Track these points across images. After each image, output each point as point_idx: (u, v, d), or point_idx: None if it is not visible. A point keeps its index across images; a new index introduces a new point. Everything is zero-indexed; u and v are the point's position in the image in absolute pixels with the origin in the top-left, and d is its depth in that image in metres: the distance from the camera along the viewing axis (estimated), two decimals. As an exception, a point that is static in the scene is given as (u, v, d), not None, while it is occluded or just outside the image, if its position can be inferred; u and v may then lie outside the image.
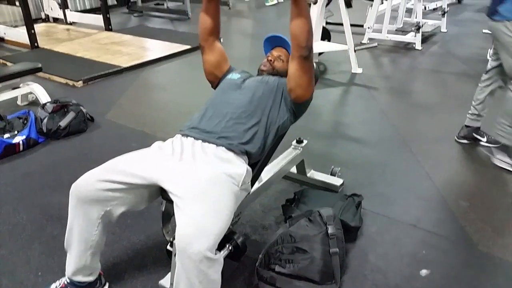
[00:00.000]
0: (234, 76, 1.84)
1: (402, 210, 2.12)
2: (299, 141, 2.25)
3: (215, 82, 1.89)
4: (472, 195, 2.24)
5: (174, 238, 1.29)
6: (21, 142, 2.78)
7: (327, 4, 4.38)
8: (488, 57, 4.11)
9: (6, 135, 2.79)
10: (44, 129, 2.92)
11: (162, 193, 1.51)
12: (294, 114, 1.76)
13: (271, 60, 1.88)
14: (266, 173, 1.98)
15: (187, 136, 1.59)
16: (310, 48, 1.59)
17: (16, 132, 2.83)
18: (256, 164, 1.74)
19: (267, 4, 8.25)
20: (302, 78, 1.65)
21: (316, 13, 4.04)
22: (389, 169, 2.52)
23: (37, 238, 1.97)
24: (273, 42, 1.95)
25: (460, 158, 2.64)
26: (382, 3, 5.32)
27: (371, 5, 5.22)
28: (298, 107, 1.75)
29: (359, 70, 4.29)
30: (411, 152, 2.69)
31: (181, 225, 1.27)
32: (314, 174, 2.37)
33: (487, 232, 1.96)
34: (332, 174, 2.36)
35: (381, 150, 2.77)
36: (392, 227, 2.00)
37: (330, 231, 1.63)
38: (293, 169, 2.32)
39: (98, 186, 1.43)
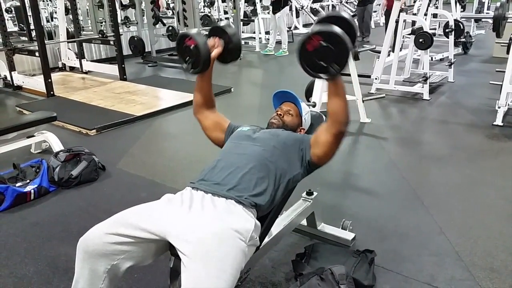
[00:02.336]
0: (244, 128, 1.88)
1: (415, 267, 2.06)
2: (309, 193, 2.25)
3: (221, 142, 1.93)
4: (487, 251, 2.18)
5: (180, 298, 1.27)
6: (32, 191, 2.80)
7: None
8: (496, 107, 4.14)
9: (18, 184, 2.83)
10: (56, 178, 2.95)
11: (170, 248, 1.49)
12: (307, 171, 1.77)
13: (280, 114, 1.92)
14: (276, 227, 1.96)
15: (197, 189, 1.60)
16: (348, 124, 1.65)
17: (28, 181, 2.87)
18: (266, 217, 1.72)
19: (263, 52, 8.52)
20: (332, 149, 1.70)
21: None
22: (401, 223, 2.48)
23: (43, 292, 1.94)
24: (282, 97, 2.01)
25: (473, 212, 2.59)
26: (389, 54, 5.45)
27: (378, 57, 5.35)
28: (315, 167, 1.78)
29: (368, 120, 4.33)
30: (423, 205, 2.66)
31: (185, 287, 1.25)
32: (324, 227, 2.34)
33: (505, 292, 1.89)
34: (343, 227, 2.32)
35: (392, 203, 2.74)
36: (406, 285, 1.93)
37: (342, 290, 1.58)
38: (303, 222, 2.30)
39: (106, 240, 1.43)
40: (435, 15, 7.33)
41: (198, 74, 1.82)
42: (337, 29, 1.44)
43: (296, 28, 11.67)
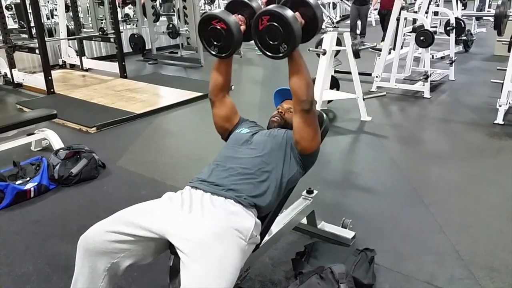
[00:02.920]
0: (243, 130, 1.86)
1: (415, 266, 2.06)
2: (310, 191, 2.24)
3: (225, 134, 1.92)
4: (487, 250, 2.17)
5: (179, 297, 1.27)
6: (32, 189, 2.80)
7: (336, 54, 4.50)
8: (497, 106, 4.13)
9: (18, 182, 2.82)
10: (56, 176, 2.95)
11: (170, 247, 1.49)
12: (302, 166, 1.77)
13: (281, 112, 1.92)
14: (276, 225, 1.96)
15: (196, 188, 1.60)
16: (310, 101, 1.62)
17: (28, 179, 2.86)
18: (266, 216, 1.72)
19: (257, 53, 8.44)
20: (305, 131, 1.68)
21: (325, 62, 4.13)
22: (401, 222, 2.47)
23: (43, 290, 1.94)
24: (283, 94, 2.00)
25: (473, 210, 2.58)
26: (390, 53, 5.44)
27: (379, 55, 5.34)
28: (306, 159, 1.76)
29: (368, 118, 4.32)
30: (423, 203, 2.65)
31: (184, 286, 1.26)
32: (324, 226, 2.33)
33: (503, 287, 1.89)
34: (343, 226, 2.32)
35: (392, 201, 2.73)
36: (406, 284, 1.93)
37: (342, 289, 1.58)
38: (304, 220, 2.30)
39: (106, 238, 1.42)
40: (436, 13, 7.31)
41: (227, 57, 1.69)
42: (284, 10, 1.46)
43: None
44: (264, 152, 1.69)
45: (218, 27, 1.55)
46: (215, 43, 1.60)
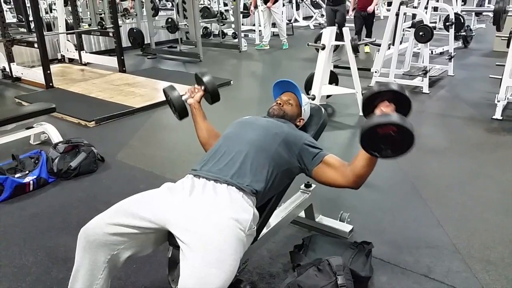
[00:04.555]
0: (246, 116, 1.88)
1: (413, 259, 2.07)
2: (308, 185, 2.25)
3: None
4: (484, 244, 2.19)
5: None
6: (31, 182, 2.81)
7: (335, 50, 4.50)
8: (495, 101, 4.14)
9: (17, 175, 2.83)
10: (55, 169, 2.95)
11: (169, 238, 1.50)
12: (303, 171, 1.77)
13: (280, 104, 1.92)
14: (274, 218, 1.97)
15: (199, 177, 1.60)
16: (359, 187, 1.67)
17: (27, 172, 2.87)
18: (265, 208, 1.73)
19: (257, 48, 8.40)
20: (332, 185, 1.72)
21: (324, 57, 4.13)
22: (399, 215, 2.49)
23: (42, 282, 1.95)
24: (282, 87, 2.01)
25: (470, 205, 2.60)
26: (389, 48, 5.44)
27: (378, 50, 5.34)
28: (309, 176, 1.78)
29: (367, 113, 4.32)
30: (421, 198, 2.67)
31: (183, 276, 1.27)
32: (322, 219, 2.35)
33: (500, 282, 1.90)
34: (341, 220, 2.33)
35: (390, 195, 2.74)
36: (403, 277, 1.95)
37: (339, 281, 1.59)
38: (302, 214, 2.31)
39: (107, 230, 1.43)
40: (435, 9, 7.29)
41: (181, 119, 2.03)
42: (411, 125, 1.41)
43: (296, 20, 11.63)
44: (268, 135, 1.70)
45: (168, 98, 2.02)
46: (171, 108, 2.06)
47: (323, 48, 4.13)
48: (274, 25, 8.62)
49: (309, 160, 1.71)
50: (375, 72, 5.30)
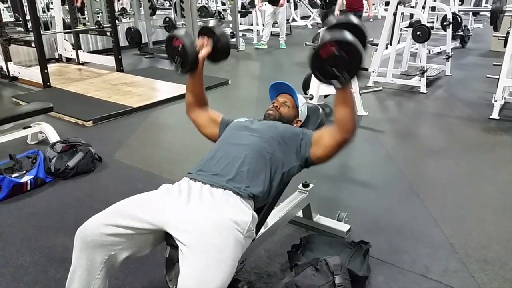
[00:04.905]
0: (241, 119, 1.88)
1: (410, 258, 2.08)
2: (305, 185, 2.25)
3: (216, 137, 1.92)
4: (481, 244, 2.20)
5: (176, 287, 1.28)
6: (29, 182, 2.80)
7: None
8: (492, 101, 4.15)
9: (15, 174, 2.82)
10: (52, 169, 2.95)
11: (166, 239, 1.50)
12: (303, 166, 1.78)
13: (277, 106, 1.92)
14: (272, 218, 1.97)
15: (195, 180, 1.60)
16: (354, 132, 1.63)
17: (24, 172, 2.86)
18: (262, 209, 1.73)
19: (256, 47, 8.40)
20: (333, 153, 1.70)
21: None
22: (397, 215, 2.49)
23: (40, 282, 1.95)
24: (279, 88, 2.01)
25: (467, 204, 2.60)
26: (387, 47, 5.44)
27: (376, 50, 5.34)
28: (311, 164, 1.78)
29: (365, 113, 4.33)
30: (419, 197, 2.67)
31: (183, 277, 1.26)
32: (320, 219, 2.35)
33: (497, 281, 1.91)
34: (339, 219, 2.34)
35: (388, 195, 2.75)
36: (400, 277, 1.95)
37: (337, 281, 1.60)
38: (299, 214, 2.31)
39: (104, 231, 1.43)
40: (433, 8, 7.30)
41: (187, 74, 1.83)
42: (352, 38, 1.41)
43: (294, 20, 11.64)
44: (264, 139, 1.69)
45: (176, 44, 1.72)
46: (176, 58, 1.77)
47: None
48: (273, 24, 8.62)
49: (304, 151, 1.74)
50: (373, 72, 5.31)
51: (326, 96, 4.64)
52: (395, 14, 5.23)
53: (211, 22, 1.82)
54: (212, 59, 1.85)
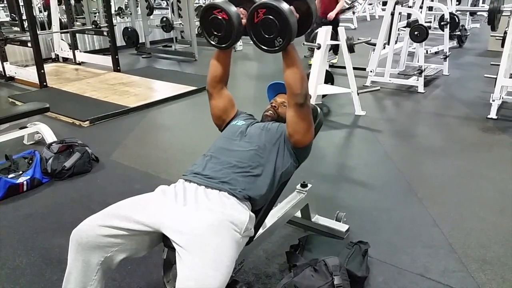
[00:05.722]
0: (239, 122, 1.85)
1: (409, 258, 2.07)
2: (304, 185, 2.24)
3: (222, 126, 1.91)
4: (480, 243, 2.19)
5: (174, 289, 1.27)
6: (25, 183, 2.78)
7: (330, 49, 4.49)
8: (490, 101, 4.15)
9: (11, 175, 2.80)
10: (49, 170, 2.93)
11: (164, 240, 1.49)
12: (296, 159, 1.76)
13: (275, 106, 1.91)
14: (270, 218, 1.96)
15: (190, 181, 1.59)
16: (305, 95, 1.61)
17: (20, 172, 2.84)
18: (260, 209, 1.72)
19: None
20: (299, 125, 1.67)
21: (320, 57, 4.13)
22: (395, 215, 2.48)
23: (36, 283, 1.93)
24: (277, 88, 2.00)
25: (466, 204, 2.60)
26: (385, 47, 5.44)
27: (373, 49, 5.34)
28: (299, 152, 1.76)
29: (363, 113, 4.33)
30: (417, 197, 2.67)
31: (181, 278, 1.25)
32: (319, 219, 2.34)
33: (496, 281, 1.90)
34: (337, 219, 2.33)
35: (386, 195, 2.74)
36: (399, 277, 1.94)
37: (336, 282, 1.59)
38: (298, 214, 2.30)
39: (99, 232, 1.41)
40: (430, 8, 7.31)
41: (227, 48, 1.69)
42: (280, 3, 1.44)
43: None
44: (258, 145, 1.68)
45: (220, 17, 1.55)
46: (215, 33, 1.60)
47: (319, 48, 4.12)
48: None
49: (288, 144, 1.73)
50: (371, 71, 5.31)
51: (324, 95, 4.64)
52: (392, 14, 5.23)
53: None
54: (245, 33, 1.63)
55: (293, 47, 1.58)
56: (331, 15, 5.98)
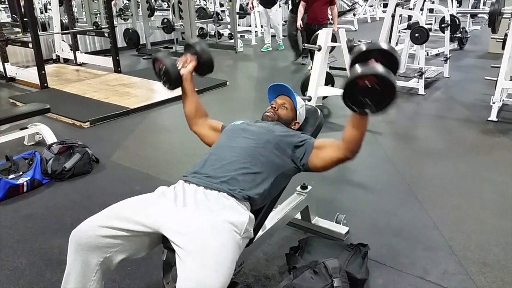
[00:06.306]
0: (237, 122, 1.87)
1: (409, 261, 2.07)
2: (304, 187, 2.24)
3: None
4: (480, 246, 2.19)
5: (174, 290, 1.27)
6: (25, 183, 2.78)
7: (331, 51, 4.49)
8: (491, 103, 4.15)
9: (11, 176, 2.80)
10: (49, 170, 2.93)
11: (163, 241, 1.49)
12: (298, 170, 1.76)
13: (275, 108, 1.91)
14: (270, 220, 1.96)
15: (189, 182, 1.59)
16: (356, 154, 1.63)
17: (21, 173, 2.84)
18: (260, 211, 1.72)
19: (263, 50, 8.21)
20: (331, 167, 1.71)
21: (320, 59, 4.13)
22: (395, 217, 2.48)
23: (36, 284, 1.93)
24: (277, 90, 2.00)
25: (466, 206, 2.60)
26: (385, 49, 5.43)
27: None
28: (307, 171, 1.77)
29: (363, 115, 4.32)
30: (417, 199, 2.66)
31: (181, 280, 1.25)
32: (318, 221, 2.34)
33: (496, 284, 1.90)
34: (337, 221, 2.33)
35: (386, 197, 2.74)
36: (399, 279, 1.94)
37: (336, 284, 1.59)
38: (298, 216, 2.30)
39: (99, 233, 1.42)
40: (431, 10, 7.32)
41: (173, 90, 1.93)
42: (393, 77, 1.43)
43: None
44: (260, 143, 1.68)
45: (160, 66, 1.88)
46: (162, 77, 1.91)
47: (319, 50, 4.13)
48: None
49: (300, 157, 1.72)
50: (371, 73, 5.29)
51: (324, 97, 4.64)
52: (393, 16, 5.23)
53: (193, 40, 1.94)
54: (199, 72, 1.96)
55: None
56: (335, 29, 5.45)
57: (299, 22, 6.04)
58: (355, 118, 1.55)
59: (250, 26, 9.49)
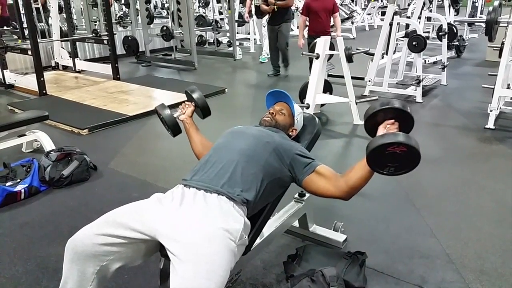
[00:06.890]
0: (237, 126, 1.88)
1: (406, 269, 2.07)
2: (302, 194, 2.24)
3: None
4: (477, 254, 2.19)
5: (169, 299, 1.26)
6: (23, 191, 2.78)
7: (329, 59, 4.52)
8: (488, 111, 4.17)
9: (9, 183, 2.80)
10: (47, 178, 2.92)
11: (160, 249, 1.48)
12: (294, 180, 1.75)
13: (272, 113, 1.92)
14: (268, 228, 1.96)
15: (189, 186, 1.58)
16: (351, 196, 1.66)
17: (18, 180, 2.84)
18: (258, 218, 1.72)
19: (261, 61, 7.98)
20: (323, 196, 1.70)
21: (318, 66, 4.15)
22: (393, 225, 2.48)
23: (32, 293, 1.92)
24: (275, 97, 2.01)
25: (464, 214, 2.60)
26: (383, 57, 5.47)
27: (372, 59, 5.37)
28: (299, 186, 1.76)
29: (361, 122, 4.34)
30: (415, 207, 2.67)
31: (173, 287, 1.25)
32: (316, 229, 2.34)
33: (495, 294, 1.90)
34: (335, 229, 2.33)
35: (384, 205, 2.74)
36: None
37: (333, 292, 1.58)
38: (295, 224, 2.30)
39: (95, 241, 1.41)
40: (428, 18, 7.37)
41: (175, 135, 2.09)
42: (418, 146, 1.50)
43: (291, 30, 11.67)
44: (259, 144, 1.68)
45: (160, 116, 2.07)
46: (165, 126, 2.09)
47: (317, 57, 4.15)
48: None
49: (300, 170, 1.70)
50: (369, 81, 5.33)
51: (322, 105, 4.66)
52: (391, 24, 5.26)
53: (190, 88, 2.13)
54: (200, 115, 2.15)
55: None
56: (338, 34, 5.44)
57: (301, 41, 5.75)
58: (366, 172, 1.59)
59: (249, 34, 9.53)
